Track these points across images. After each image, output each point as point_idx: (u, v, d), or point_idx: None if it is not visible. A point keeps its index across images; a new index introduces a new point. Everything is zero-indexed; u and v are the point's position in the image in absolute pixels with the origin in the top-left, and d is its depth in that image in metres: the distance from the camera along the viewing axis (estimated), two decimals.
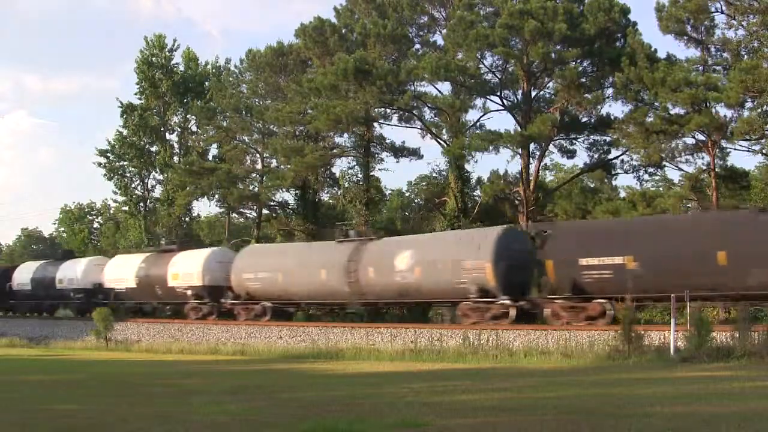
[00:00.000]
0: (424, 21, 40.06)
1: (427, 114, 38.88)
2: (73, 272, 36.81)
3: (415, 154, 41.02)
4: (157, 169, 54.00)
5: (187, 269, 31.52)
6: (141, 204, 55.02)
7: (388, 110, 38.90)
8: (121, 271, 34.42)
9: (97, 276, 35.44)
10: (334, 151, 42.39)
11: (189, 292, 31.16)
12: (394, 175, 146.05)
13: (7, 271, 42.40)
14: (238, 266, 29.79)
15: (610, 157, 36.64)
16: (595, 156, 37.06)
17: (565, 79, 33.16)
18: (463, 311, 23.68)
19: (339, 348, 22.83)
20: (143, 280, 33.02)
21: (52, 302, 38.45)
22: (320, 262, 27.37)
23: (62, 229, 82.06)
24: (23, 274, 40.10)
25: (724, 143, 31.52)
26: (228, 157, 47.29)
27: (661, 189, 40.50)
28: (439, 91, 37.80)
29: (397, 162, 43.08)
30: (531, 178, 35.75)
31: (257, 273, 29.02)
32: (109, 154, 54.12)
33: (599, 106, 34.65)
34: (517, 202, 37.45)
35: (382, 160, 42.72)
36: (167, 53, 53.47)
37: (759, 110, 29.16)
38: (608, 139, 35.43)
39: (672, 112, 30.68)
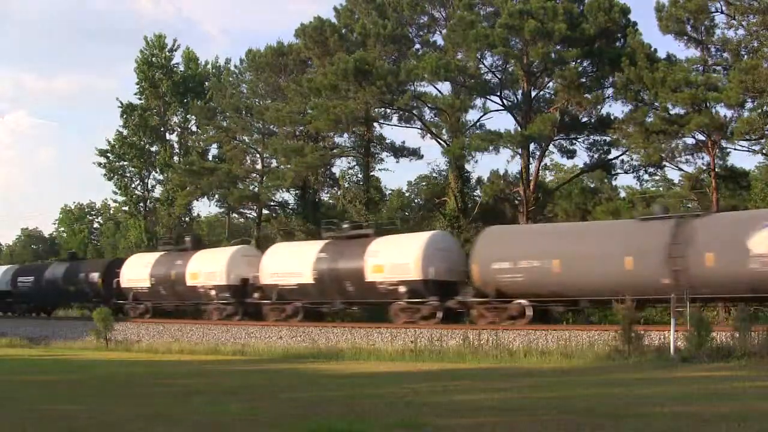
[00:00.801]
0: (424, 21, 40.04)
1: (427, 114, 38.88)
2: (213, 265, 30.89)
3: (415, 154, 41.05)
4: (157, 169, 53.97)
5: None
6: (141, 204, 54.98)
7: (388, 110, 38.89)
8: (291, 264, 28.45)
9: (247, 269, 29.96)
10: (334, 151, 42.39)
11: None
12: (394, 175, 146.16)
13: (112, 265, 36.54)
14: (483, 254, 23.66)
15: (610, 157, 36.65)
16: (595, 156, 37.06)
17: (565, 79, 33.15)
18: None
19: (339, 348, 22.85)
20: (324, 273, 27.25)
21: (181, 303, 32.60)
22: (623, 247, 21.36)
23: (62, 229, 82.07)
24: (137, 269, 34.16)
25: (724, 143, 31.52)
26: (228, 157, 47.28)
27: (661, 189, 40.53)
28: (439, 91, 37.83)
29: (397, 162, 43.11)
30: (531, 178, 35.74)
31: (516, 262, 22.68)
32: (109, 154, 54.07)
33: (599, 106, 34.65)
34: (517, 202, 37.44)
35: (382, 160, 42.76)
36: (167, 53, 53.45)
37: (759, 110, 29.16)
38: (608, 139, 35.42)
39: (672, 112, 30.68)
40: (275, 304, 28.35)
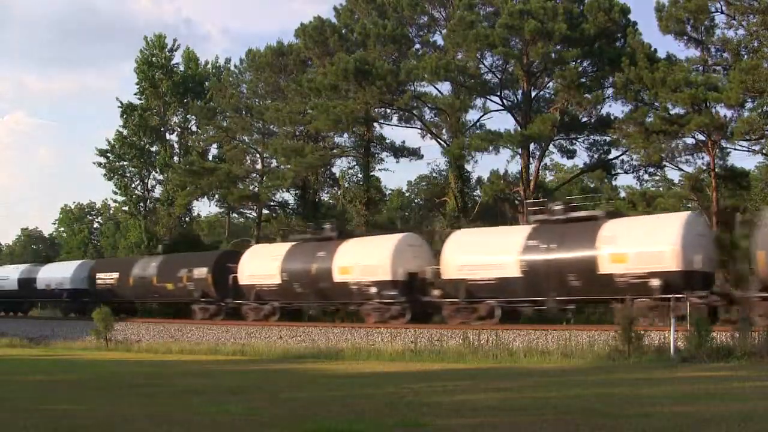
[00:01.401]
0: (424, 21, 40.07)
1: (427, 114, 38.92)
2: (372, 257, 26.59)
3: (415, 154, 41.07)
4: (157, 169, 53.98)
5: None
6: (141, 204, 54.99)
7: (388, 110, 38.91)
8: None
9: (413, 262, 26.14)
10: (334, 151, 42.40)
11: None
12: (394, 175, 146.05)
13: (224, 258, 32.00)
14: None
15: (610, 157, 36.72)
16: (595, 156, 37.11)
17: (565, 79, 33.16)
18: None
19: (339, 348, 22.84)
20: None
21: (324, 302, 28.53)
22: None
23: (62, 229, 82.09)
24: (262, 262, 29.56)
25: (724, 143, 31.52)
26: (228, 157, 47.29)
27: (661, 189, 40.49)
28: (439, 91, 37.87)
29: (397, 162, 43.14)
30: (531, 178, 35.76)
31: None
32: (109, 154, 54.09)
33: (599, 106, 34.70)
34: (517, 202, 37.44)
35: (382, 160, 42.79)
36: (167, 53, 53.47)
37: (759, 110, 29.16)
38: (608, 139, 35.46)
39: (672, 112, 30.68)
40: (461, 303, 24.25)
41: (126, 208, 57.33)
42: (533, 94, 36.02)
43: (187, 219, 53.98)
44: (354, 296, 26.56)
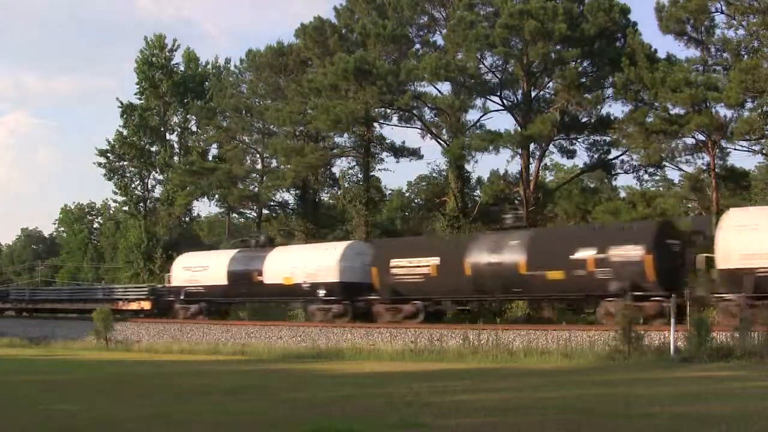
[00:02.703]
0: (424, 21, 40.04)
1: (427, 114, 38.87)
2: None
3: (415, 154, 41.03)
4: (157, 169, 54.00)
5: None
6: (141, 204, 55.01)
7: (388, 110, 38.87)
8: None
9: None
10: (334, 151, 42.39)
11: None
12: (394, 175, 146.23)
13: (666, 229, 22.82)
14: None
15: (610, 157, 36.66)
16: (595, 156, 37.07)
17: (565, 79, 33.15)
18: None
19: (339, 348, 22.84)
20: None
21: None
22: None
23: (62, 229, 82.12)
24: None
25: (724, 143, 31.53)
26: (228, 157, 47.28)
27: (661, 189, 40.52)
28: (439, 91, 37.83)
29: (397, 162, 43.09)
30: (531, 178, 35.75)
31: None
32: (109, 154, 54.11)
33: (599, 106, 34.68)
34: (517, 202, 37.43)
35: (382, 160, 42.71)
36: (167, 53, 53.47)
37: (759, 110, 29.16)
38: (608, 139, 35.43)
39: (672, 112, 30.68)
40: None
41: (126, 208, 57.36)
42: (533, 94, 36.00)
43: (187, 219, 54.00)
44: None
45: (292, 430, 8.75)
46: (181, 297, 33.11)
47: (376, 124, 40.70)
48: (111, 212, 72.59)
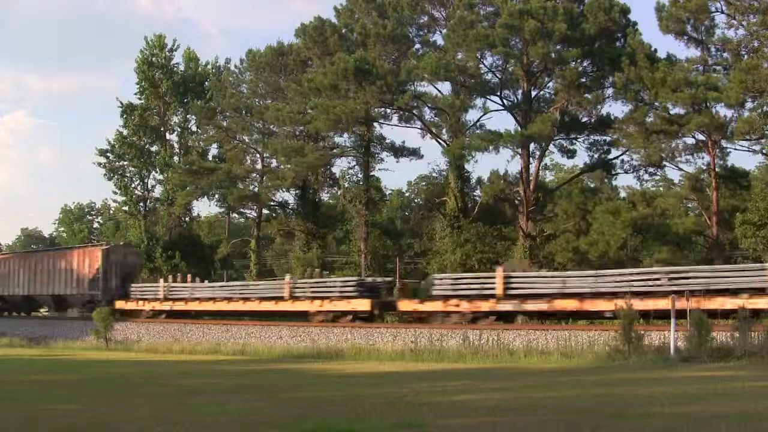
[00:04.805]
0: (424, 21, 40.07)
1: (427, 114, 38.92)
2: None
3: (415, 154, 41.08)
4: (157, 169, 53.96)
5: None
6: (141, 204, 54.97)
7: (388, 110, 38.90)
8: None
9: None
10: (334, 151, 42.40)
11: None
12: (394, 175, 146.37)
13: None
14: None
15: (610, 157, 36.72)
16: (595, 156, 37.12)
17: (565, 79, 33.17)
18: None
19: (339, 348, 22.83)
20: None
21: None
22: None
23: (62, 229, 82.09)
24: None
25: (724, 143, 31.58)
26: (228, 157, 47.30)
27: (661, 189, 40.55)
28: (439, 91, 37.87)
29: (397, 162, 43.16)
30: (531, 178, 35.76)
31: None
32: (109, 154, 54.06)
33: (599, 106, 34.73)
34: (517, 202, 37.44)
35: (382, 160, 42.80)
36: (167, 53, 53.41)
37: (759, 110, 29.18)
38: (608, 139, 35.46)
39: (672, 112, 30.73)
40: None
41: (126, 208, 57.27)
42: (533, 94, 36.04)
43: (187, 219, 53.98)
44: None
45: (292, 430, 8.74)
46: None
47: (376, 124, 40.78)
48: (111, 212, 72.61)
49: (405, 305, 25.97)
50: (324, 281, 29.09)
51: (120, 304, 33.48)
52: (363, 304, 26.12)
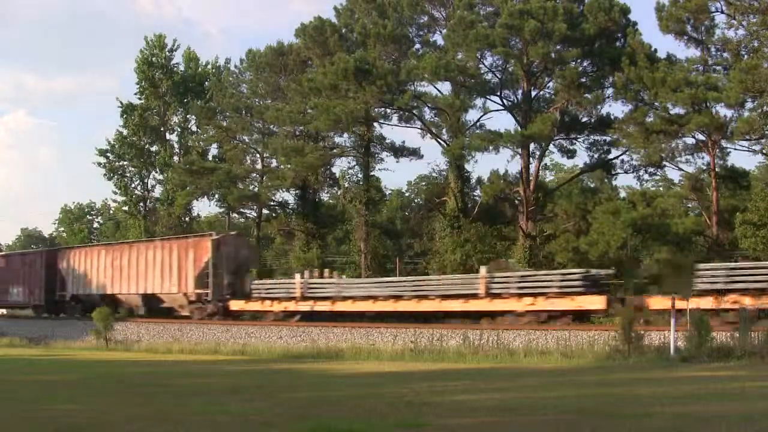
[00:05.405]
0: (424, 21, 40.08)
1: (427, 114, 38.95)
2: None
3: (415, 154, 41.10)
4: (157, 169, 54.01)
5: None
6: (141, 204, 55.01)
7: (388, 110, 38.92)
8: None
9: None
10: (334, 151, 42.41)
11: None
12: (394, 175, 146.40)
13: None
14: None
15: (610, 157, 36.76)
16: (595, 156, 37.15)
17: (565, 79, 33.17)
18: None
19: (339, 348, 22.81)
20: None
21: None
22: None
23: (62, 229, 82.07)
24: None
25: (724, 143, 31.60)
26: (228, 157, 47.30)
27: (661, 189, 40.55)
28: (439, 91, 37.89)
29: (397, 162, 43.18)
30: (531, 178, 35.76)
31: None
32: (109, 154, 54.12)
33: (599, 106, 34.77)
34: (517, 202, 37.44)
35: (382, 160, 42.83)
36: (167, 53, 53.48)
37: (759, 110, 29.19)
38: (608, 139, 35.47)
39: (672, 112, 30.74)
40: None
41: (126, 208, 57.35)
42: (533, 94, 36.05)
43: (187, 219, 53.97)
44: None
45: (292, 430, 8.74)
46: None
47: (376, 124, 40.81)
48: (111, 212, 72.59)
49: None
50: (535, 274, 24.92)
51: (237, 305, 29.66)
52: (595, 302, 22.06)
